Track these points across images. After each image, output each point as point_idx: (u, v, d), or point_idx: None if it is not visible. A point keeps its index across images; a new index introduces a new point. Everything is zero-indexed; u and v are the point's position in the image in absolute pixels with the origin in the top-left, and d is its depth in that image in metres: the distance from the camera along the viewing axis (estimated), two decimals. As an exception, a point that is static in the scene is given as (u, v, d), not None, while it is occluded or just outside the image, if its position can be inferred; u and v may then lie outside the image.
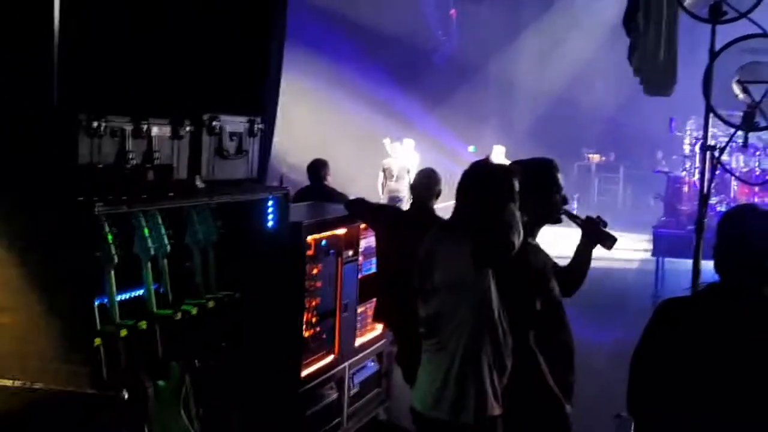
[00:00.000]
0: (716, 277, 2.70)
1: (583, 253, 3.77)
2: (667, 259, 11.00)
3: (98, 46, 3.96)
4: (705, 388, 2.57)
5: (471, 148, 18.45)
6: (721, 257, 2.65)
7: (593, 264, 3.81)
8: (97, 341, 3.30)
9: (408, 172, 12.33)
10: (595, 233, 3.73)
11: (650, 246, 11.48)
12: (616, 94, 18.46)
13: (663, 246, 10.95)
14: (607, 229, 3.74)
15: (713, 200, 10.74)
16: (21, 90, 3.50)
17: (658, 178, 13.41)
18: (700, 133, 4.84)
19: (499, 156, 14.01)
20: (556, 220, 3.66)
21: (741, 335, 2.55)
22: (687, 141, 12.11)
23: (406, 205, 10.66)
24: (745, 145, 4.79)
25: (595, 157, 21.07)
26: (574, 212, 3.86)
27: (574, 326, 3.66)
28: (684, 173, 12.06)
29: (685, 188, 11.77)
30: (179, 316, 3.75)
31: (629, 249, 14.45)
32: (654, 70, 6.90)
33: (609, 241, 3.72)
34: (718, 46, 4.63)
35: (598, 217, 3.80)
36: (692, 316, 2.64)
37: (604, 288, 10.71)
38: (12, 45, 3.53)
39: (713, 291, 2.67)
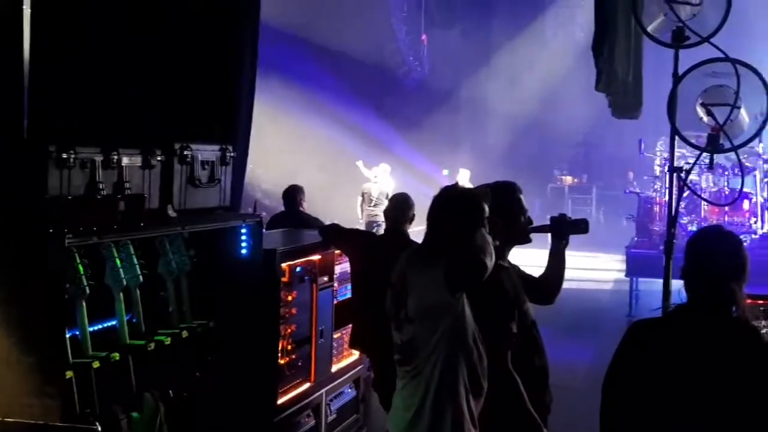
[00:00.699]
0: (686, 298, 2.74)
1: (557, 256, 3.82)
2: (641, 279, 11.10)
3: (68, 77, 3.95)
4: (676, 408, 2.60)
5: (445, 172, 18.56)
6: (689, 278, 2.70)
7: (568, 285, 3.84)
8: (69, 374, 3.26)
9: (387, 196, 12.39)
10: (566, 227, 3.79)
11: (624, 266, 11.57)
12: (587, 116, 18.69)
13: (636, 266, 11.03)
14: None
15: (684, 220, 10.87)
16: (-9, 122, 3.49)
17: (629, 198, 13.54)
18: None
19: (464, 179, 14.16)
20: (526, 240, 3.70)
21: (709, 355, 2.58)
22: (657, 162, 12.26)
23: (385, 230, 10.69)
24: (711, 166, 4.87)
25: (568, 179, 21.30)
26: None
27: (548, 346, 3.68)
28: (655, 194, 12.20)
29: (656, 208, 11.89)
30: (152, 346, 3.72)
31: (603, 269, 14.55)
32: (621, 93, 7.02)
33: (581, 226, 3.78)
34: (683, 70, 4.72)
35: (560, 214, 3.86)
36: (661, 336, 2.68)
37: (579, 308, 10.77)
38: (-19, 77, 3.52)
39: (682, 311, 2.71)
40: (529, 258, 4.95)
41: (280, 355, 4.55)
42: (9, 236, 3.29)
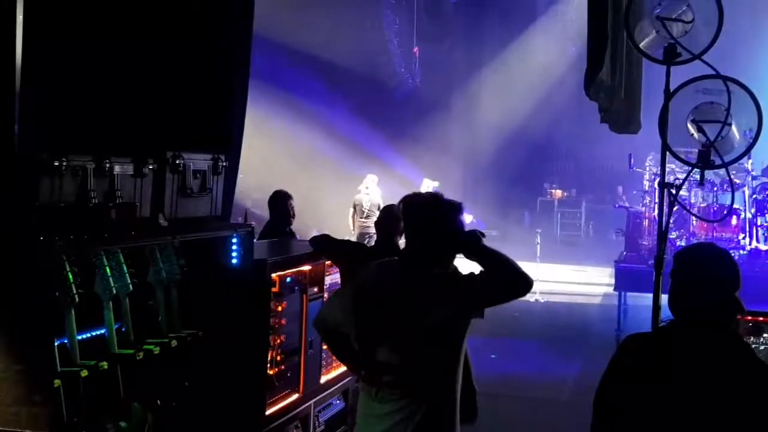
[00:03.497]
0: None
1: None
2: (629, 294, 11.14)
3: (60, 85, 3.94)
4: (669, 424, 2.60)
5: (436, 184, 18.58)
6: (683, 295, 2.69)
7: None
8: (57, 382, 3.24)
9: (378, 207, 12.43)
10: None
11: (612, 280, 11.60)
12: (578, 129, 18.78)
13: (625, 280, 11.08)
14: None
15: (673, 235, 10.92)
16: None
17: (619, 213, 13.61)
18: (659, 169, 4.95)
19: (428, 189, 14.30)
20: None
21: (703, 371, 2.59)
22: (646, 176, 12.34)
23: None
24: (702, 182, 4.90)
25: (558, 193, 21.37)
26: None
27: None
28: (644, 208, 12.26)
29: (645, 223, 11.95)
30: (141, 355, 3.70)
31: (592, 283, 14.57)
32: (618, 108, 7.06)
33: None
34: (675, 86, 4.76)
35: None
36: (655, 352, 2.68)
37: (567, 322, 10.80)
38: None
39: (675, 327, 2.71)
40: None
41: (269, 365, 4.53)
42: (-1, 243, 3.27)
